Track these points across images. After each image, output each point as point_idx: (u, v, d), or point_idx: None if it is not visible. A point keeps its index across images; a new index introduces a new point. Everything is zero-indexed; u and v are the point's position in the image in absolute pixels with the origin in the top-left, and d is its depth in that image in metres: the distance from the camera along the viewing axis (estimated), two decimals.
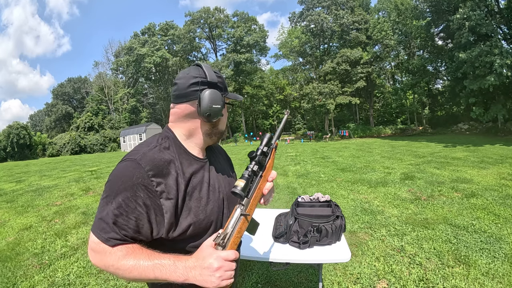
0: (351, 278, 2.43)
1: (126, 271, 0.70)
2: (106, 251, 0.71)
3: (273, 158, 0.91)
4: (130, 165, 0.75)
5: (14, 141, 34.17)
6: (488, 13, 15.45)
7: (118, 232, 0.71)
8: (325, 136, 26.69)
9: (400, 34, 23.70)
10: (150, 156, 0.76)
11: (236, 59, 32.25)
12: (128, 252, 0.72)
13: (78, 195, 6.53)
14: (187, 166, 0.83)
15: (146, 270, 0.69)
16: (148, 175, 0.73)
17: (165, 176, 0.76)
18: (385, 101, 32.22)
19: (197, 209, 0.80)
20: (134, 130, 35.98)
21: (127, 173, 0.73)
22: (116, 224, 0.71)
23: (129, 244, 0.73)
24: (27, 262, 3.09)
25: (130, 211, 0.72)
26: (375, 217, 3.83)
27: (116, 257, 0.71)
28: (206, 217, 0.82)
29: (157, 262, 0.70)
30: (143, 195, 0.72)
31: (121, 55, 43.35)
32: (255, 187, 0.82)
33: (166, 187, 0.75)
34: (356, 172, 7.23)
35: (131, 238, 0.74)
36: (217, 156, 1.02)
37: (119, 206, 0.71)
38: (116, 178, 0.74)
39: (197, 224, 0.80)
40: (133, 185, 0.72)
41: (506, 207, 3.84)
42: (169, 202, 0.75)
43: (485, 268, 2.40)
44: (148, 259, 0.70)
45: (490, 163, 7.24)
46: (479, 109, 16.27)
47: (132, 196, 0.72)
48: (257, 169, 0.84)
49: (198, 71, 0.85)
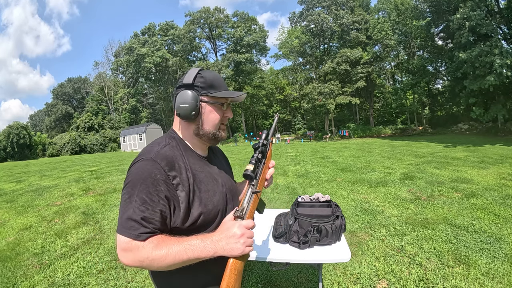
0: (351, 278, 2.43)
1: (161, 259, 0.75)
2: (139, 247, 0.76)
3: (271, 149, 1.05)
4: (147, 163, 0.81)
5: (14, 141, 34.15)
6: (488, 13, 15.45)
7: (147, 226, 0.77)
8: (325, 136, 26.69)
9: (400, 34, 23.70)
10: (163, 154, 0.84)
11: (236, 59, 32.26)
12: (158, 242, 0.77)
13: (78, 195, 6.53)
14: (193, 162, 0.92)
15: (178, 253, 0.75)
16: (165, 170, 0.81)
17: (178, 170, 0.84)
18: (385, 101, 32.23)
19: (206, 200, 0.88)
20: (134, 130, 35.91)
21: (147, 171, 0.80)
22: (145, 219, 0.77)
23: (158, 235, 0.79)
24: (27, 262, 3.09)
25: (155, 205, 0.78)
26: (375, 217, 3.83)
27: (149, 249, 0.75)
28: (214, 207, 0.90)
29: (187, 244, 0.76)
30: (163, 188, 0.79)
31: (121, 55, 43.34)
32: (261, 171, 0.96)
33: (181, 180, 0.83)
34: (356, 172, 7.23)
35: (159, 230, 0.79)
36: (216, 155, 1.12)
37: (144, 202, 0.77)
38: (137, 176, 0.80)
39: (206, 214, 0.87)
40: (153, 181, 0.79)
41: (506, 207, 3.84)
42: (184, 194, 0.83)
43: (485, 268, 2.40)
44: (178, 243, 0.76)
45: (490, 163, 7.24)
46: (479, 109, 16.27)
47: (155, 191, 0.78)
48: (261, 157, 0.96)
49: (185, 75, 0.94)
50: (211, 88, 0.92)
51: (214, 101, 0.92)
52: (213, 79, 0.93)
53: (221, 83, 0.95)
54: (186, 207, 0.83)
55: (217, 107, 0.94)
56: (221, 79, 0.97)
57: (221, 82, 0.95)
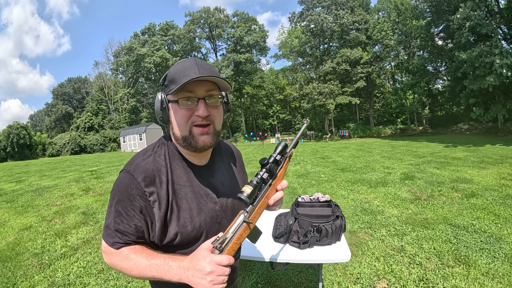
0: (351, 278, 2.43)
1: (127, 270, 0.76)
2: (113, 253, 0.78)
3: (285, 167, 0.85)
4: (125, 177, 0.77)
5: (14, 141, 34.15)
6: (488, 13, 15.45)
7: (121, 238, 0.77)
8: (325, 136, 26.69)
9: (400, 34, 23.70)
10: (143, 167, 0.77)
11: (236, 59, 32.25)
12: (130, 253, 0.77)
13: (78, 195, 6.52)
14: (179, 174, 0.82)
15: (144, 269, 0.74)
16: (141, 185, 0.75)
17: (158, 185, 0.77)
18: (385, 101, 32.22)
19: (185, 219, 0.79)
20: (134, 130, 35.89)
21: (123, 184, 0.77)
22: (118, 230, 0.77)
23: (133, 246, 0.78)
24: (27, 262, 3.08)
25: (129, 219, 0.76)
26: (375, 217, 3.83)
27: (119, 259, 0.77)
28: (194, 228, 0.80)
29: (153, 262, 0.73)
30: (138, 204, 0.75)
31: (121, 55, 43.32)
32: (262, 195, 0.79)
33: (158, 196, 0.76)
34: (356, 172, 7.23)
35: (134, 241, 0.78)
36: (223, 161, 0.97)
37: (119, 214, 0.76)
38: (115, 188, 0.79)
39: (184, 234, 0.79)
40: (129, 195, 0.75)
41: (506, 207, 3.84)
42: (160, 212, 0.76)
43: (485, 268, 2.40)
44: (146, 259, 0.74)
45: (490, 163, 7.24)
46: (479, 109, 16.27)
47: (130, 206, 0.75)
48: (267, 177, 0.79)
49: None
50: (173, 83, 0.76)
51: (175, 98, 0.76)
52: (175, 72, 0.76)
53: (183, 74, 0.74)
54: (162, 225, 0.77)
55: (182, 104, 0.76)
56: (186, 68, 0.75)
57: (184, 72, 0.74)
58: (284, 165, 0.84)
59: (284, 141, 0.84)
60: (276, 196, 0.81)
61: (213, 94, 0.78)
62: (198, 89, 0.76)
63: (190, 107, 0.76)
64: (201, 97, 0.76)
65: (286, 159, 0.85)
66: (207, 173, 0.88)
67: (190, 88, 0.74)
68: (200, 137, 0.78)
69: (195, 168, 0.86)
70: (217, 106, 0.81)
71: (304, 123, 0.94)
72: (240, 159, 1.07)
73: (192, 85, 0.74)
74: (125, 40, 47.45)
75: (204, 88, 0.76)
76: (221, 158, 0.96)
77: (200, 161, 0.88)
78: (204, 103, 0.76)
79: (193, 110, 0.76)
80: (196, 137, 0.78)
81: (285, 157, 0.84)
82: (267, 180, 0.79)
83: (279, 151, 0.81)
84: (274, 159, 0.80)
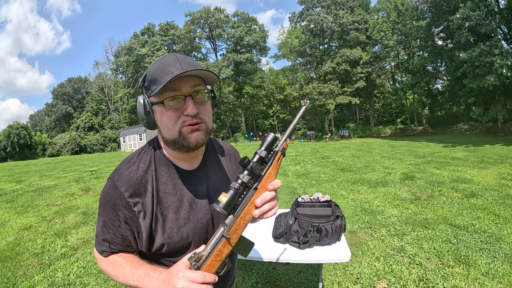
0: (351, 278, 2.43)
1: (114, 276, 0.77)
2: (101, 260, 0.80)
3: (276, 165, 0.71)
4: (110, 186, 0.75)
5: (14, 141, 34.18)
6: (488, 13, 15.44)
7: (108, 247, 0.78)
8: (325, 136, 26.69)
9: (400, 34, 23.70)
10: (127, 176, 0.74)
11: (236, 59, 32.24)
12: (117, 260, 0.78)
13: (78, 195, 6.52)
14: (165, 182, 0.77)
15: (127, 277, 0.73)
16: (125, 195, 0.72)
17: (142, 195, 0.74)
18: (385, 101, 32.20)
19: (171, 230, 0.75)
20: (134, 130, 35.93)
21: (108, 195, 0.75)
22: (106, 240, 0.77)
23: (120, 253, 0.79)
24: (27, 262, 3.09)
25: (115, 229, 0.75)
26: (375, 217, 3.83)
27: (107, 264, 0.79)
28: (182, 239, 0.76)
29: (135, 272, 0.73)
30: (123, 215, 0.74)
31: (121, 55, 43.35)
32: (246, 202, 0.66)
33: (143, 206, 0.74)
34: (356, 172, 7.23)
35: (122, 250, 0.79)
36: (217, 162, 0.90)
37: (105, 224, 0.76)
38: (101, 197, 0.77)
39: (171, 245, 0.76)
40: (113, 206, 0.74)
41: (506, 207, 3.84)
42: (145, 222, 0.74)
43: (485, 268, 2.40)
44: (130, 267, 0.74)
45: (490, 163, 7.23)
46: (479, 109, 16.27)
47: (115, 216, 0.74)
48: (249, 179, 0.66)
49: None
50: (154, 83, 0.69)
51: (159, 99, 0.69)
52: (154, 71, 0.70)
53: (165, 71, 0.67)
54: (148, 235, 0.75)
55: (168, 105, 0.69)
56: (167, 65, 0.68)
57: (165, 69, 0.68)
58: (274, 162, 0.70)
59: (273, 133, 0.71)
60: (264, 196, 0.68)
61: (200, 89, 0.72)
62: (183, 86, 0.69)
63: (177, 106, 0.69)
64: (188, 94, 0.69)
65: (278, 154, 0.71)
66: (197, 178, 0.82)
67: (174, 86, 0.67)
68: (192, 135, 0.72)
69: (183, 174, 0.80)
70: (205, 102, 0.74)
71: (303, 105, 0.80)
72: (237, 159, 0.99)
73: (176, 83, 0.67)
74: (125, 40, 47.49)
75: (189, 84, 0.69)
76: (215, 161, 0.89)
77: (191, 165, 0.82)
78: (191, 100, 0.70)
79: (181, 109, 0.70)
80: (187, 136, 0.71)
81: (275, 152, 0.71)
82: (250, 184, 0.67)
83: (266, 145, 0.69)
84: (259, 157, 0.68)
